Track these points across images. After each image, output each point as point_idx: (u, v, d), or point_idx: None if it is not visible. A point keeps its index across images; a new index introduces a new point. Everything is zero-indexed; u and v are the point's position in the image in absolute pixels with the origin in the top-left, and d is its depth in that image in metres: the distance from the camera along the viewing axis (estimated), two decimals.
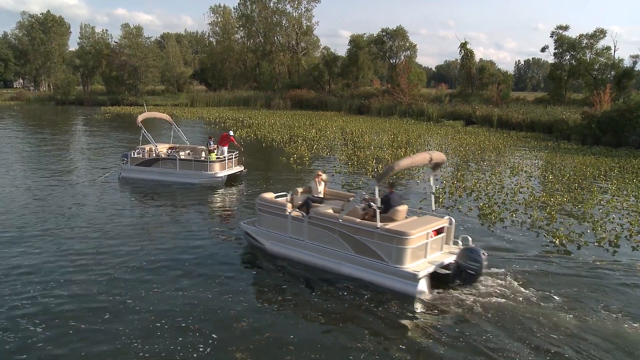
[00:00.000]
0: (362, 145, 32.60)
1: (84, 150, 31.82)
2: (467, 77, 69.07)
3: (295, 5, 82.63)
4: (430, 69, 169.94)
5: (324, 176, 14.09)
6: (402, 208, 11.87)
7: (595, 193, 20.14)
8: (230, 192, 20.22)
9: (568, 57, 63.40)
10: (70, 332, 8.59)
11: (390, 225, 10.79)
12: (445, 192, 19.59)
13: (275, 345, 8.37)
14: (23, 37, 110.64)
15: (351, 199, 12.22)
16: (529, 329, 9.00)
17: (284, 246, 12.38)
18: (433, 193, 13.04)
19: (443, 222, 11.39)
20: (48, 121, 55.38)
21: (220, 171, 21.18)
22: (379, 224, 10.72)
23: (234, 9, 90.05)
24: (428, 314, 9.66)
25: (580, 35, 62.13)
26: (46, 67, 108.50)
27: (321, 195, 13.67)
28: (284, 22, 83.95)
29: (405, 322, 9.37)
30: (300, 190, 13.87)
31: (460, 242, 11.66)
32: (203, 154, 22.19)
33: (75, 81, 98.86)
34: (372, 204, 11.66)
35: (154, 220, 15.79)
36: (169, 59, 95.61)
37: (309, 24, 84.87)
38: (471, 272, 10.57)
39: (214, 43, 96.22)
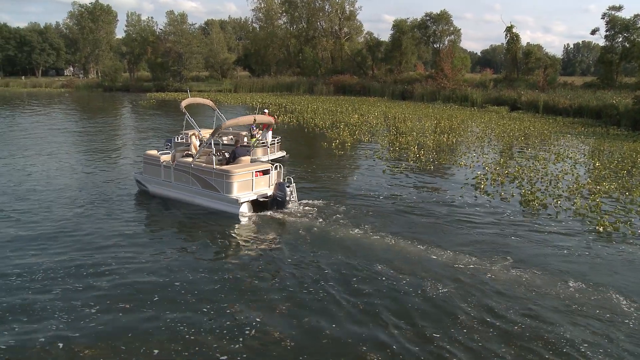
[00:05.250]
0: (404, 131, 32.42)
1: (129, 135, 32.65)
2: (512, 61, 67.53)
3: None
4: (476, 53, 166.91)
5: (196, 139, 18.29)
6: (246, 158, 15.97)
7: None
8: None
9: (620, 39, 60.81)
10: (120, 314, 8.76)
11: (223, 167, 14.97)
12: (487, 179, 19.37)
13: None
14: (73, 26, 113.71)
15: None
16: (309, 242, 12.38)
17: (160, 187, 16.31)
18: (268, 147, 18.67)
19: (267, 166, 15.31)
20: (96, 107, 56.93)
21: (263, 156, 21.43)
22: (215, 166, 14.81)
23: None
24: (247, 226, 13.86)
25: (635, 16, 59.28)
26: (94, 54, 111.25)
27: (194, 153, 16.74)
28: (326, 7, 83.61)
29: (232, 232, 13.36)
30: (180, 149, 17.55)
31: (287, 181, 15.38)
32: (245, 139, 22.48)
33: (121, 68, 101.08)
34: (226, 154, 16.45)
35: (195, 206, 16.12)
36: (213, 45, 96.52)
37: (352, 8, 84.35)
38: (279, 199, 14.79)
39: (257, 29, 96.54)
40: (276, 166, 15.58)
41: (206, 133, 23.42)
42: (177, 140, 22.64)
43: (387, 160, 23.35)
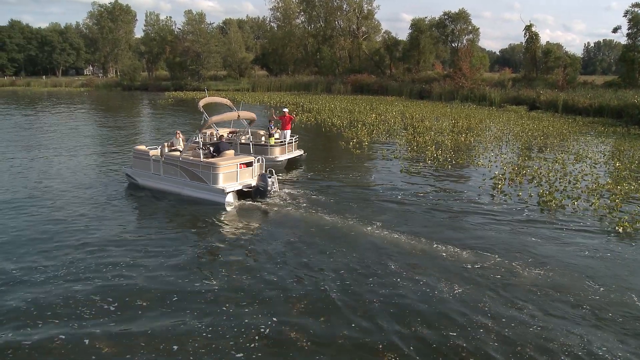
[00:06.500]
0: (421, 131, 32.31)
1: (148, 134, 32.96)
2: (531, 60, 66.89)
3: None
4: (494, 52, 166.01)
5: (181, 135, 19.34)
6: (229, 152, 17.20)
7: None
8: (290, 175, 20.48)
9: None
10: (140, 312, 8.85)
11: (209, 159, 16.02)
12: (505, 179, 19.25)
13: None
14: (93, 26, 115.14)
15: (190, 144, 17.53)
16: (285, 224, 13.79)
17: (149, 180, 17.23)
18: (253, 143, 19.33)
19: (250, 159, 16.43)
20: (115, 106, 57.50)
21: (281, 155, 21.49)
22: (202, 159, 15.89)
23: None
24: (233, 215, 14.86)
25: None
26: (114, 54, 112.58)
27: (180, 148, 17.96)
28: (344, 6, 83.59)
29: (220, 219, 14.39)
30: (167, 144, 18.25)
31: (269, 172, 16.63)
32: (263, 138, 22.55)
33: (140, 67, 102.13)
34: (211, 149, 17.36)
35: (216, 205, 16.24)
36: (231, 44, 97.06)
37: (369, 7, 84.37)
38: (261, 189, 15.91)
39: (275, 28, 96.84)
40: (258, 159, 16.83)
41: (224, 132, 23.63)
42: (196, 139, 22.73)
43: (404, 159, 23.30)
